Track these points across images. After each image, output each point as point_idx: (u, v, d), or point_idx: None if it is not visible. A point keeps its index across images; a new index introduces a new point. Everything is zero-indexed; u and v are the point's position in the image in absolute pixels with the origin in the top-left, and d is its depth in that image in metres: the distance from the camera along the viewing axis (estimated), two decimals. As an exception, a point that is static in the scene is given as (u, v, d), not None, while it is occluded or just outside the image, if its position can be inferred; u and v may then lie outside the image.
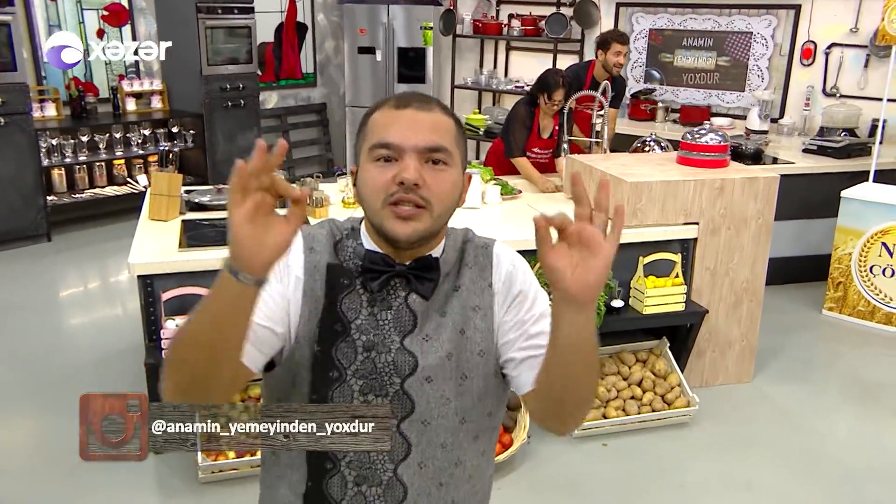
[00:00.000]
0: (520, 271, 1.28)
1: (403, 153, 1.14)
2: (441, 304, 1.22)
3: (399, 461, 1.20)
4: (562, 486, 3.06)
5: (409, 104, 1.17)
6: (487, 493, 1.36)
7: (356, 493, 1.21)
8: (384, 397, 1.18)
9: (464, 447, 1.24)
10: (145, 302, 3.01)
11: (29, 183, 5.60)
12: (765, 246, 3.70)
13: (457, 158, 1.19)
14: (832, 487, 3.08)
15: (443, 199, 1.16)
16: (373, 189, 1.15)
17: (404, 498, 1.22)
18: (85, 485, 2.97)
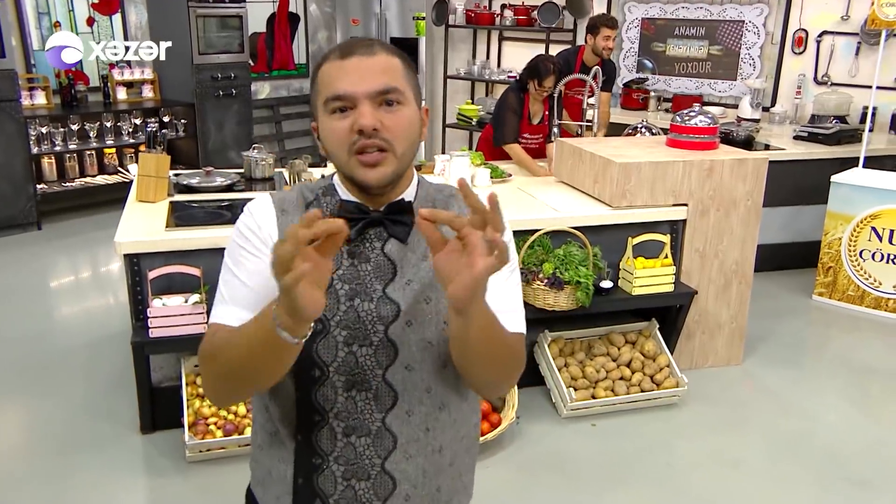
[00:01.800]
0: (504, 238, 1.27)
1: (357, 100, 1.13)
2: (418, 247, 1.21)
3: (387, 410, 1.20)
4: (550, 464, 3.06)
5: (352, 52, 1.16)
6: (473, 441, 1.36)
7: (345, 444, 1.20)
8: (368, 346, 1.18)
9: (448, 392, 1.24)
10: (132, 281, 2.99)
11: (18, 171, 5.58)
12: (754, 228, 3.70)
13: (409, 95, 1.18)
14: (818, 467, 3.08)
15: (403, 138, 1.16)
16: (336, 141, 1.15)
17: (394, 447, 1.22)
18: (73, 464, 2.96)
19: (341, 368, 1.18)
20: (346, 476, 1.22)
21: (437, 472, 1.27)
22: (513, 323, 1.21)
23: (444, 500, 1.30)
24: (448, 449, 1.28)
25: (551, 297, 3.24)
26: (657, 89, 6.76)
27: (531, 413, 3.36)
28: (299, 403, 1.20)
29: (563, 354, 3.49)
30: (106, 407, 3.35)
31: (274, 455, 1.25)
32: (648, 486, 2.94)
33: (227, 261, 1.21)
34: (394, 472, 1.23)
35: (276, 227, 1.20)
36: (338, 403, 1.19)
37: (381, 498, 1.23)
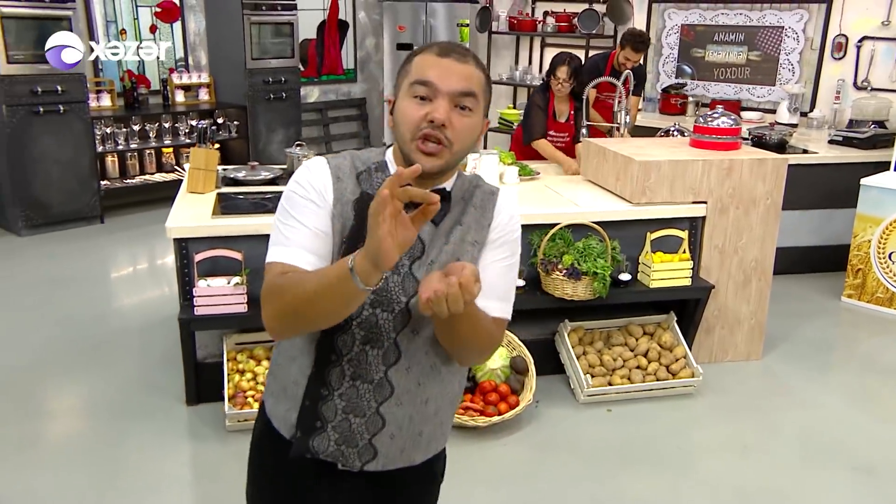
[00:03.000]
0: (514, 224, 1.47)
1: (438, 93, 1.31)
2: (446, 233, 1.40)
3: (391, 365, 1.40)
4: (565, 445, 3.22)
5: (449, 54, 1.35)
6: (456, 396, 1.56)
7: (350, 385, 1.41)
8: (390, 312, 1.37)
9: (439, 354, 1.44)
10: (180, 263, 3.27)
11: (84, 168, 5.98)
12: (773, 227, 3.79)
13: (481, 106, 1.37)
14: (824, 456, 3.17)
15: (463, 140, 1.34)
16: (407, 122, 1.33)
17: (391, 395, 1.41)
18: (126, 430, 3.24)
19: (363, 325, 1.37)
20: (346, 410, 1.42)
21: (422, 419, 1.47)
22: (498, 310, 1.41)
23: (424, 443, 1.50)
24: (433, 401, 1.48)
25: (570, 287, 3.40)
26: (696, 95, 6.84)
27: (550, 398, 3.53)
28: (321, 342, 1.40)
29: (582, 343, 3.65)
30: (156, 381, 3.64)
31: (290, 377, 1.45)
32: (658, 469, 3.07)
33: (287, 207, 1.36)
34: (385, 414, 1.42)
35: (331, 189, 1.37)
36: (353, 351, 1.39)
37: (371, 433, 1.43)
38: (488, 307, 1.37)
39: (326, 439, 1.42)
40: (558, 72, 4.33)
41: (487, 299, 1.35)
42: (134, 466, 3.01)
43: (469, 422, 3.17)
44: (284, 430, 1.47)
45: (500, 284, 1.41)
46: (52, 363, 3.83)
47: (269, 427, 1.51)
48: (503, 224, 1.44)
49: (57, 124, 5.75)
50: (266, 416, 1.53)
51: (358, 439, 1.42)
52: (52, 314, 4.43)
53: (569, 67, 4.32)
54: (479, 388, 3.34)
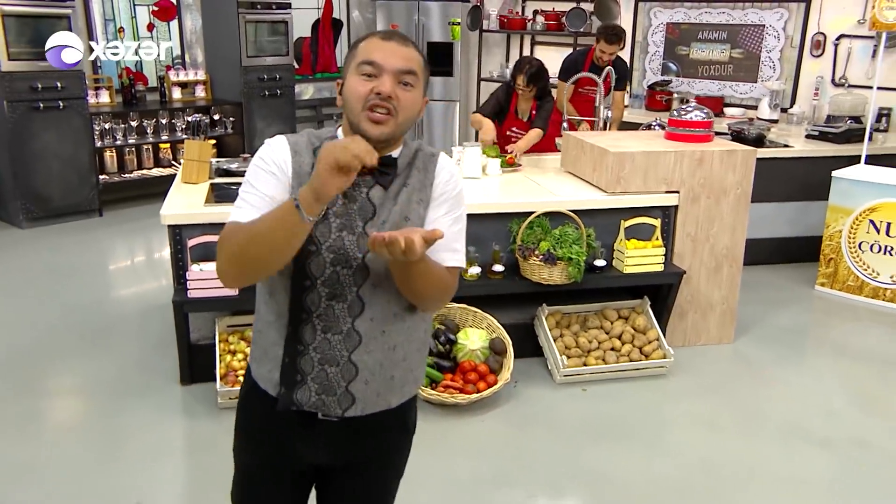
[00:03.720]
0: (455, 181, 1.64)
1: (383, 71, 1.49)
2: (395, 195, 1.57)
3: (356, 316, 1.56)
4: (541, 422, 3.39)
5: (392, 38, 1.54)
6: (423, 343, 1.71)
7: (322, 338, 1.57)
8: (349, 268, 1.54)
9: (400, 303, 1.60)
10: (174, 248, 3.44)
11: (83, 162, 6.15)
12: (743, 215, 3.96)
13: (420, 84, 1.55)
14: (784, 430, 3.35)
15: (406, 112, 1.52)
16: (356, 96, 1.50)
17: (359, 343, 1.58)
18: (124, 407, 3.41)
19: (326, 283, 1.54)
20: (321, 362, 1.58)
21: (392, 364, 1.63)
22: (450, 259, 1.58)
23: (398, 386, 1.66)
24: (401, 347, 1.64)
25: (546, 271, 3.57)
26: (681, 91, 7.00)
27: (528, 378, 3.70)
28: (292, 304, 1.56)
29: (559, 326, 3.81)
30: (152, 363, 3.81)
31: (269, 340, 1.62)
32: (629, 443, 3.24)
33: (250, 179, 1.53)
34: (357, 362, 1.59)
35: (289, 162, 1.53)
36: (320, 307, 1.55)
37: (347, 381, 1.59)
38: (440, 258, 1.54)
39: (308, 391, 1.59)
40: (517, 79, 4.51)
41: (438, 251, 1.52)
42: (131, 440, 3.17)
43: (449, 399, 3.34)
44: (270, 388, 1.63)
45: (449, 236, 1.56)
46: (53, 346, 4.00)
47: (255, 388, 1.66)
48: (444, 182, 1.60)
49: (57, 120, 5.91)
50: (252, 378, 1.69)
51: (336, 387, 1.58)
52: (53, 302, 4.59)
53: (525, 76, 4.47)
54: (460, 367, 3.50)
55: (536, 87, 4.53)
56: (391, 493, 1.79)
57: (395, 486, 1.80)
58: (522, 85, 4.50)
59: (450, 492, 2.89)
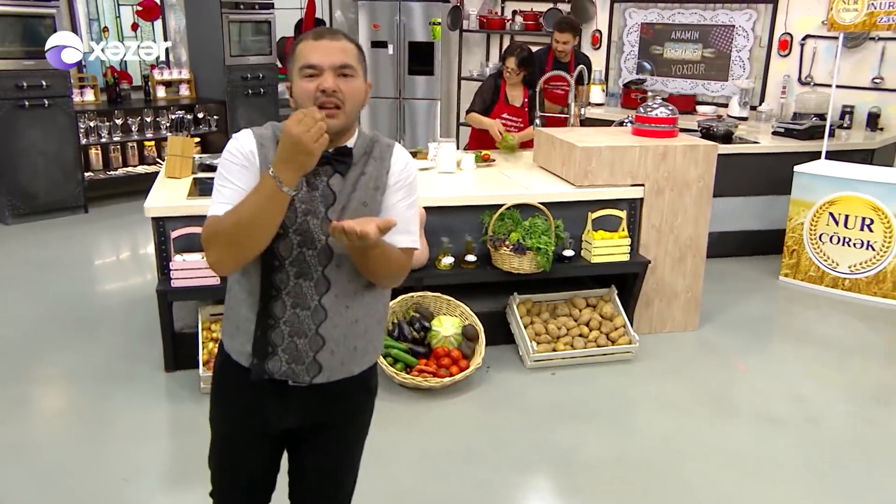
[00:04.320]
0: (409, 170, 1.79)
1: (323, 70, 1.64)
2: (353, 183, 1.72)
3: (322, 294, 1.72)
4: (511, 404, 3.55)
5: (323, 36, 1.68)
6: (382, 317, 1.87)
7: (292, 313, 1.72)
8: (313, 250, 1.69)
9: (361, 282, 1.75)
10: (158, 240, 3.58)
11: (69, 160, 6.25)
12: (706, 208, 4.14)
13: (359, 72, 1.70)
14: (739, 408, 3.54)
15: (352, 100, 1.67)
16: (305, 97, 1.64)
17: (325, 318, 1.73)
18: (110, 393, 3.54)
19: (294, 263, 1.69)
20: (291, 334, 1.73)
21: (355, 336, 1.78)
22: (405, 241, 1.74)
23: (359, 356, 1.81)
24: (362, 321, 1.79)
25: (516, 261, 3.73)
26: (655, 90, 7.18)
27: (500, 364, 3.86)
28: (263, 282, 1.71)
29: (530, 314, 3.98)
30: (137, 352, 3.94)
31: (241, 316, 1.76)
32: (594, 422, 3.41)
33: (223, 172, 1.66)
34: (324, 334, 1.74)
35: (256, 154, 1.67)
36: (289, 286, 1.70)
37: (314, 351, 1.74)
38: (396, 240, 1.70)
39: (279, 361, 1.74)
40: (507, 62, 4.68)
41: (394, 234, 1.67)
42: (118, 423, 3.31)
43: (424, 383, 3.49)
44: (242, 360, 1.77)
45: (404, 220, 1.72)
46: (41, 336, 4.12)
47: (229, 360, 1.81)
48: (399, 171, 1.76)
49: (42, 118, 6.02)
50: (225, 352, 1.83)
51: (304, 357, 1.74)
52: (41, 294, 4.71)
53: (517, 58, 4.66)
54: (434, 353, 3.65)
55: (526, 72, 4.72)
56: (357, 450, 1.95)
57: (360, 444, 1.95)
58: (513, 66, 4.67)
59: (423, 468, 3.04)
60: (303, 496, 1.96)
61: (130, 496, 2.82)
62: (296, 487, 1.96)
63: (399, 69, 8.20)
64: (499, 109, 4.84)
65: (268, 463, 1.91)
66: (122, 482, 2.88)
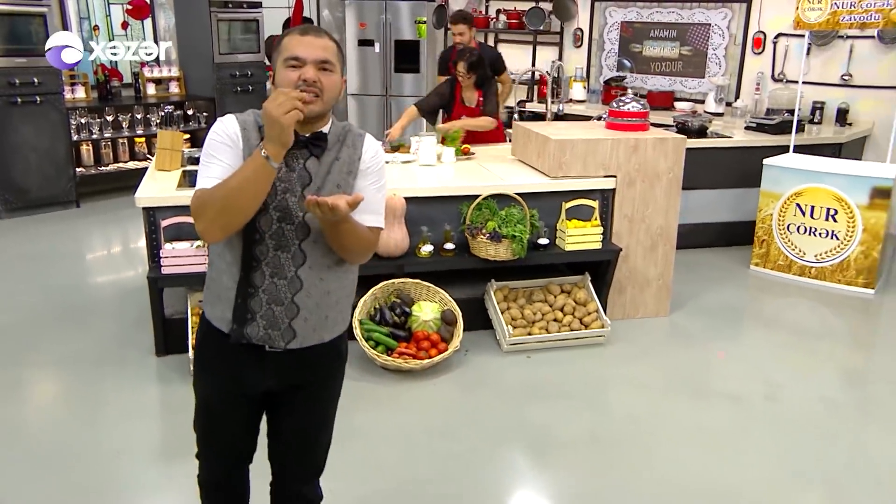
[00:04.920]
0: (378, 157, 1.97)
1: (306, 62, 1.82)
2: (328, 166, 1.89)
3: (299, 266, 1.88)
4: (488, 384, 3.72)
5: (308, 33, 1.86)
6: (351, 290, 2.04)
7: (270, 282, 1.88)
8: (291, 225, 1.85)
9: (334, 257, 1.92)
10: (149, 229, 3.73)
11: (61, 155, 6.39)
12: (675, 198, 4.32)
13: (337, 68, 1.87)
14: (703, 387, 3.72)
15: (329, 91, 1.85)
16: (287, 84, 1.81)
17: (301, 288, 1.89)
18: (104, 376, 3.69)
19: (273, 236, 1.85)
20: (269, 302, 1.89)
21: (327, 306, 1.95)
22: (372, 221, 1.92)
23: (330, 325, 1.98)
24: (334, 293, 1.96)
25: (492, 248, 3.90)
26: (635, 86, 7.38)
27: (478, 348, 4.03)
28: (244, 254, 1.87)
29: (507, 300, 4.15)
30: (129, 338, 4.08)
31: (223, 285, 1.92)
32: (565, 401, 3.58)
33: (209, 151, 1.82)
34: (299, 303, 1.90)
35: (240, 136, 1.83)
36: (269, 257, 1.87)
37: (290, 318, 1.90)
38: (364, 219, 1.87)
39: (257, 327, 1.90)
40: (458, 67, 4.88)
41: (363, 213, 1.85)
42: (111, 403, 3.46)
43: (404, 365, 3.65)
44: (223, 326, 1.93)
45: (372, 202, 1.90)
46: (35, 324, 4.27)
47: (210, 328, 1.97)
48: (370, 158, 1.93)
49: (34, 114, 6.15)
50: (206, 321, 1.99)
51: (280, 323, 1.90)
52: (35, 284, 4.85)
53: (466, 63, 4.85)
54: (414, 336, 3.82)
55: (476, 75, 4.91)
56: (331, 411, 2.11)
57: (334, 405, 2.11)
58: (464, 71, 4.85)
59: (401, 443, 3.20)
60: (282, 455, 2.12)
61: (124, 468, 2.97)
62: (275, 447, 2.13)
63: (386, 67, 8.37)
64: (457, 111, 5.04)
65: (248, 424, 2.07)
66: (116, 456, 3.04)
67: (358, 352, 3.69)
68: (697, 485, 2.95)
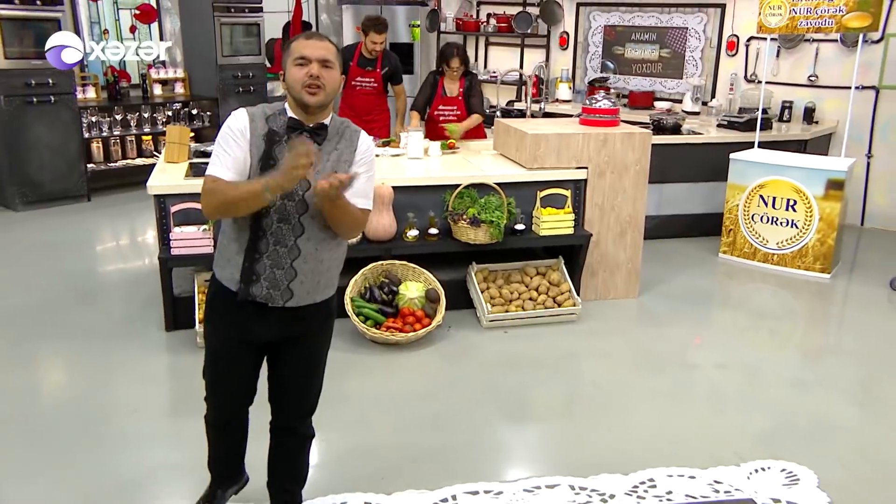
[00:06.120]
0: (370, 151, 2.35)
1: (311, 61, 2.19)
2: (327, 154, 2.26)
3: (298, 236, 2.25)
4: (468, 356, 4.09)
5: (312, 37, 2.24)
6: (341, 260, 2.41)
7: (273, 250, 2.25)
8: (293, 201, 2.22)
9: (329, 230, 2.29)
10: (159, 214, 4.11)
11: (72, 152, 6.77)
12: (642, 189, 4.69)
13: (337, 66, 2.24)
14: (662, 358, 4.09)
15: (330, 84, 2.21)
16: (296, 79, 2.19)
17: (299, 255, 2.26)
18: (117, 347, 4.06)
19: (277, 211, 2.22)
20: (271, 266, 2.26)
21: (319, 272, 2.32)
22: (362, 203, 2.29)
23: (322, 288, 2.34)
24: (326, 262, 2.33)
25: (472, 233, 4.28)
26: (617, 87, 7.75)
27: (460, 324, 4.40)
28: (252, 225, 2.24)
29: (486, 281, 4.52)
30: (140, 316, 4.46)
31: (232, 251, 2.29)
32: (538, 370, 3.95)
33: (221, 142, 2.20)
34: (297, 268, 2.27)
35: (248, 128, 2.21)
36: (272, 228, 2.23)
37: (288, 281, 2.27)
38: (356, 202, 2.24)
39: (261, 287, 2.27)
40: (452, 62, 5.27)
41: (355, 197, 2.22)
42: (124, 371, 3.83)
43: (391, 338, 4.03)
44: (232, 286, 2.30)
45: (363, 188, 2.28)
46: (52, 304, 4.64)
47: (220, 287, 2.34)
48: (363, 151, 2.31)
49: (48, 113, 6.54)
50: (217, 281, 2.37)
51: (280, 285, 2.27)
52: (51, 270, 5.22)
53: (459, 58, 5.26)
54: (400, 313, 4.19)
55: (465, 67, 5.34)
56: (322, 359, 2.48)
57: (324, 354, 2.48)
58: (457, 65, 5.27)
59: (386, 404, 3.57)
60: (280, 396, 2.50)
61: (140, 423, 3.35)
62: (274, 390, 2.50)
63: (381, 69, 8.73)
64: (436, 102, 5.45)
65: (251, 369, 2.44)
66: (132, 413, 3.41)
67: (349, 326, 4.07)
68: (649, 433, 3.32)
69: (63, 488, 2.87)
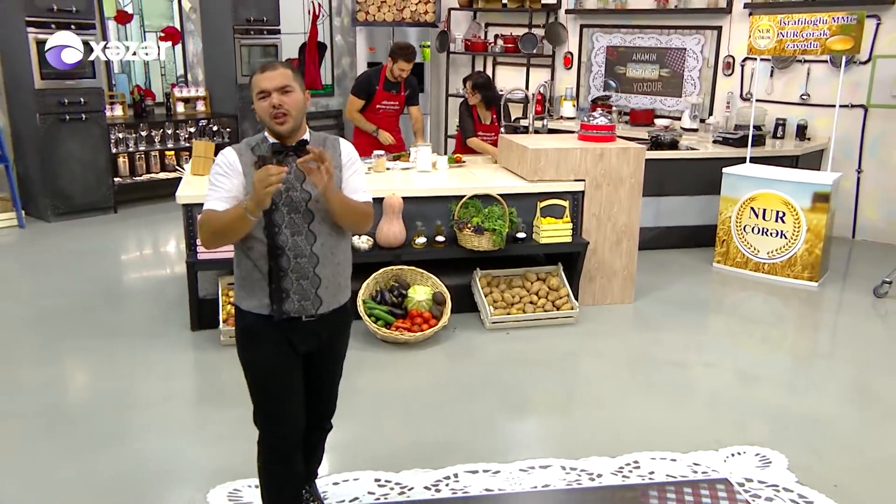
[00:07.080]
0: (353, 153, 2.59)
1: (270, 92, 2.39)
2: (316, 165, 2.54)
3: (312, 244, 2.49)
4: (471, 355, 4.39)
5: (266, 69, 2.42)
6: (350, 257, 2.67)
7: (295, 263, 2.38)
8: (299, 213, 2.49)
9: (337, 232, 2.55)
10: (186, 222, 4.45)
11: (101, 166, 7.16)
12: (637, 200, 4.99)
13: (296, 86, 2.41)
14: (654, 357, 4.36)
15: (295, 108, 2.34)
16: (263, 112, 2.39)
17: (318, 262, 2.48)
18: (147, 345, 4.39)
19: (288, 226, 2.45)
20: (297, 279, 2.47)
21: (338, 273, 2.57)
22: (361, 196, 2.53)
23: (342, 289, 2.57)
24: (342, 263, 2.59)
25: (476, 240, 4.59)
26: (619, 105, 8.08)
27: (464, 326, 4.70)
28: (269, 246, 2.45)
29: (490, 286, 4.83)
30: (166, 317, 4.79)
31: (255, 278, 2.48)
32: (537, 368, 4.24)
33: (213, 179, 2.34)
34: (319, 274, 2.51)
35: (238, 161, 2.43)
36: (289, 243, 2.46)
37: (315, 288, 2.49)
38: (357, 197, 2.51)
39: (292, 302, 2.47)
40: (466, 88, 5.62)
41: (354, 193, 2.50)
42: (155, 364, 4.16)
43: (399, 337, 4.34)
44: (263, 311, 2.47)
45: (358, 184, 2.54)
46: (85, 306, 4.98)
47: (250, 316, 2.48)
48: (347, 153, 2.54)
49: (79, 130, 6.93)
50: (244, 312, 2.50)
51: (309, 294, 2.48)
52: (82, 275, 5.58)
53: (471, 83, 5.62)
54: (409, 314, 4.50)
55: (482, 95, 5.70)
56: (343, 361, 2.73)
57: (345, 353, 2.73)
58: (469, 91, 5.69)
59: (394, 398, 3.88)
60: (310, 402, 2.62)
61: (172, 410, 3.66)
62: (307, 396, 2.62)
63: (393, 87, 9.09)
64: (477, 129, 5.76)
65: (299, 383, 2.52)
66: (164, 401, 3.73)
67: (361, 327, 4.38)
68: (637, 424, 3.60)
69: (97, 473, 3.15)
